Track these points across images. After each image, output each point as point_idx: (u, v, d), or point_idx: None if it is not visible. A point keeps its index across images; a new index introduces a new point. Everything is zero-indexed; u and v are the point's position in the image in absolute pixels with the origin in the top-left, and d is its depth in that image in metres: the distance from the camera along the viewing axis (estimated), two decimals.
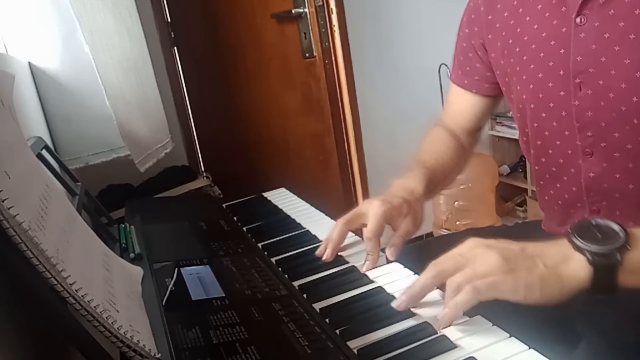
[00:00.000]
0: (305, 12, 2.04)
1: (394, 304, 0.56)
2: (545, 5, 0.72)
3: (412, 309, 0.59)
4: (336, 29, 2.07)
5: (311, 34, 2.06)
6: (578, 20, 0.66)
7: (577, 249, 0.53)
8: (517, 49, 0.76)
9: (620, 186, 0.71)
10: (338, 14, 2.05)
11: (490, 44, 0.83)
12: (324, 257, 0.73)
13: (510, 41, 0.78)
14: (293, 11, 2.05)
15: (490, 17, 0.82)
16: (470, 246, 0.56)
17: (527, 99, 0.77)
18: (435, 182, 0.85)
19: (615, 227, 0.54)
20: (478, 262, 0.54)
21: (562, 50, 0.69)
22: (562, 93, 0.71)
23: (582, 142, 0.71)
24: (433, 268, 0.56)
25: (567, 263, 0.53)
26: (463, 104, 0.94)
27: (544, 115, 0.75)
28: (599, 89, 0.66)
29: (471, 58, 0.89)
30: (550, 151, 0.78)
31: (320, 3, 2.02)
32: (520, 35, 0.75)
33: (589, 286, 0.53)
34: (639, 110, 0.64)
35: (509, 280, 0.52)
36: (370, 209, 0.73)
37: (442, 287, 0.59)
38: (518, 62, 0.77)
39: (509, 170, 2.56)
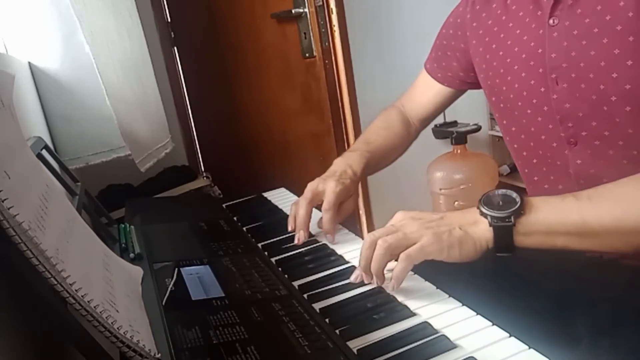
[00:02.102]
0: (305, 12, 2.04)
1: (351, 279, 0.67)
2: (525, 12, 0.78)
3: (412, 309, 0.59)
4: (336, 29, 2.07)
5: (311, 34, 2.06)
6: (551, 21, 0.73)
7: (482, 214, 0.63)
8: (501, 53, 0.82)
9: (605, 172, 0.74)
10: (338, 14, 2.05)
11: (473, 49, 0.89)
12: (299, 241, 0.82)
13: (494, 46, 0.83)
14: (293, 11, 2.05)
15: (475, 24, 0.88)
16: (399, 218, 0.67)
17: (514, 98, 0.81)
18: (372, 165, 0.96)
19: (514, 195, 0.63)
20: (407, 228, 0.64)
21: (540, 50, 0.75)
22: (542, 89, 0.76)
23: (565, 133, 0.76)
24: (368, 239, 0.65)
25: (476, 226, 0.63)
26: (429, 93, 1.03)
27: (529, 112, 0.80)
28: (572, 82, 0.72)
29: (449, 56, 0.97)
30: (541, 152, 0.82)
31: (320, 3, 2.02)
32: (504, 40, 0.81)
33: (492, 245, 0.63)
34: (606, 97, 0.69)
35: (434, 243, 0.62)
36: (327, 188, 0.85)
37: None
38: (502, 65, 0.82)
39: (509, 170, 2.56)
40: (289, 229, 0.85)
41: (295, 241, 0.82)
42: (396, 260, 0.63)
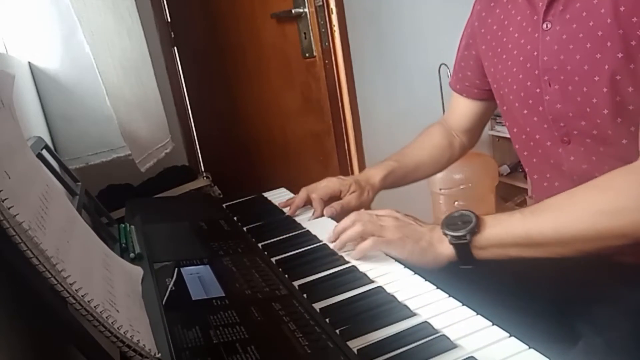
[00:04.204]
0: (305, 12, 2.04)
1: (332, 246, 0.78)
2: (523, 16, 0.81)
3: (412, 309, 0.59)
4: (336, 29, 2.07)
5: (311, 34, 2.06)
6: (544, 26, 0.76)
7: (444, 234, 0.71)
8: (504, 56, 0.85)
9: (597, 167, 0.76)
10: (338, 14, 2.05)
11: (483, 54, 0.92)
12: (288, 212, 0.97)
13: (499, 49, 0.86)
14: (293, 11, 2.05)
15: (482, 30, 0.92)
16: (385, 212, 0.78)
17: (513, 99, 0.84)
18: (401, 174, 1.05)
19: (472, 216, 0.70)
20: (385, 224, 0.74)
21: (535, 53, 0.78)
22: (537, 90, 0.79)
23: (559, 132, 0.78)
24: (354, 215, 0.77)
25: (440, 243, 0.72)
26: (458, 106, 1.07)
27: (525, 112, 0.82)
28: (562, 84, 0.74)
29: (464, 67, 1.00)
30: (540, 150, 0.84)
31: (320, 3, 2.02)
32: (506, 43, 0.84)
33: (457, 259, 0.70)
34: (589, 99, 0.71)
35: (399, 244, 0.72)
36: (324, 182, 1.00)
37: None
38: (504, 67, 0.85)
39: (509, 170, 2.56)
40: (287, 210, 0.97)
41: (288, 212, 0.97)
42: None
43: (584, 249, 0.65)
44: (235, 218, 0.97)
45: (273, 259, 0.77)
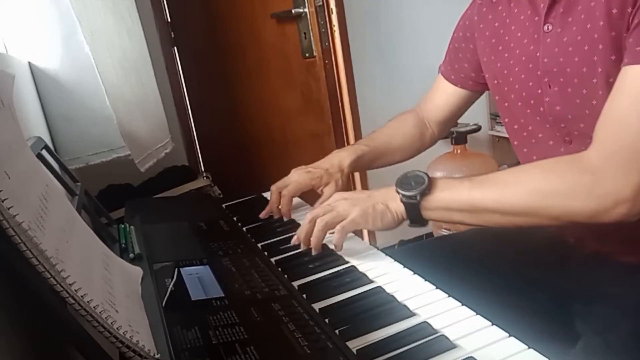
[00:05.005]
0: (305, 12, 2.04)
1: (292, 241, 0.80)
2: (526, 16, 0.81)
3: (411, 309, 0.59)
4: (336, 29, 2.06)
5: (311, 34, 2.06)
6: (545, 27, 0.76)
7: (397, 192, 0.74)
8: (505, 54, 0.84)
9: None
10: (338, 14, 2.04)
11: (480, 50, 0.92)
12: (263, 215, 0.97)
13: (500, 48, 0.86)
14: (293, 11, 2.05)
15: (481, 25, 0.91)
16: (334, 198, 0.80)
17: (515, 98, 0.84)
18: (368, 160, 1.05)
19: (425, 177, 0.73)
20: (339, 207, 0.77)
21: (537, 54, 0.78)
22: (539, 91, 0.79)
23: (560, 132, 0.79)
24: (309, 216, 0.78)
25: (394, 201, 0.75)
26: (444, 95, 1.06)
27: (528, 111, 0.82)
28: (561, 86, 0.75)
29: (461, 58, 0.99)
30: (540, 148, 0.83)
31: (320, 3, 2.02)
32: (508, 42, 0.84)
33: (407, 218, 0.74)
34: (588, 101, 0.72)
35: (362, 216, 0.75)
36: (294, 176, 0.98)
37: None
38: (505, 66, 0.84)
39: None
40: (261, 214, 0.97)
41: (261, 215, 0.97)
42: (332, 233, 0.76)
43: (519, 223, 0.68)
44: (235, 218, 0.98)
45: (272, 259, 0.77)
